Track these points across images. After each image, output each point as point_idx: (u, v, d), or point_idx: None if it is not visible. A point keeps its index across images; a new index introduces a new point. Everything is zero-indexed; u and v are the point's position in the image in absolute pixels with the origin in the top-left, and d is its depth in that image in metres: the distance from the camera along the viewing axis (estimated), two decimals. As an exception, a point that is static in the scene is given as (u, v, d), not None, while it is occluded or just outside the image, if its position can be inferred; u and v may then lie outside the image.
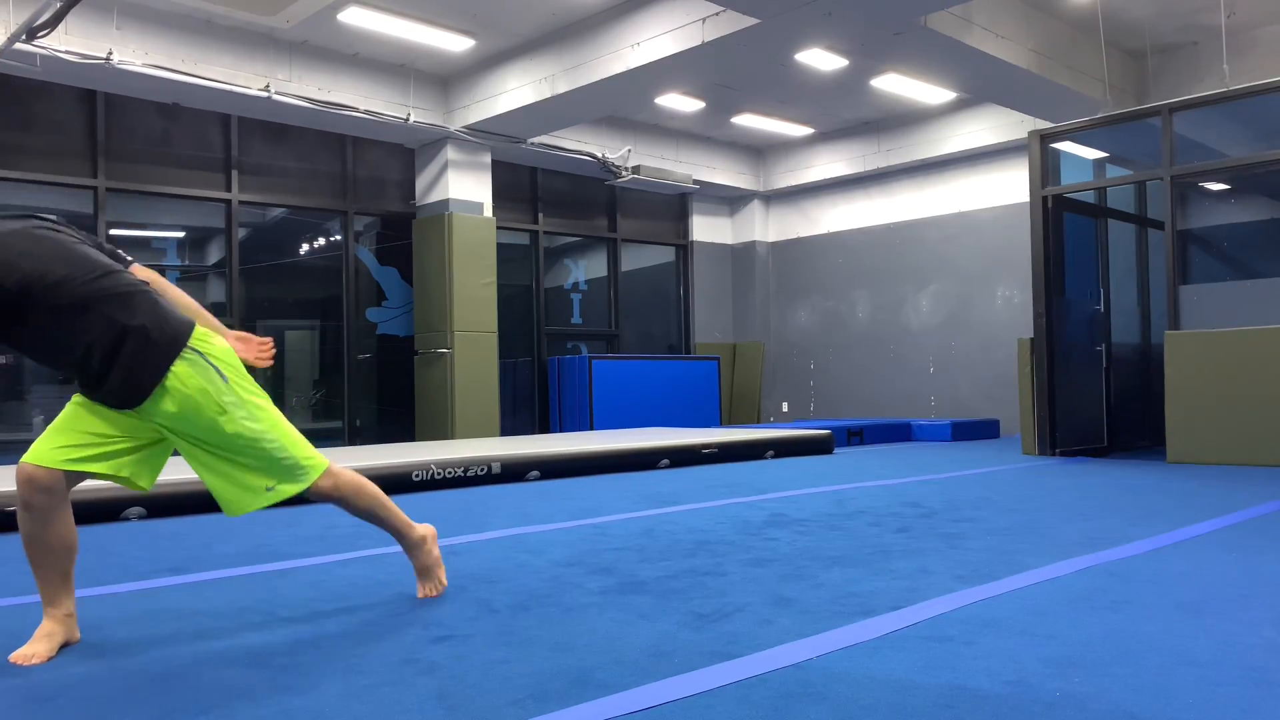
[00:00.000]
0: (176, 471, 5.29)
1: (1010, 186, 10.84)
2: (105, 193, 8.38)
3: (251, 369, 2.71)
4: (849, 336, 12.55)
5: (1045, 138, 8.11)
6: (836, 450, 8.79)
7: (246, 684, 2.06)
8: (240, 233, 9.22)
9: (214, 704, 1.93)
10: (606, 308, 12.32)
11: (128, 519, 4.69)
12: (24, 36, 6.74)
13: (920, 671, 2.05)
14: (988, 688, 1.93)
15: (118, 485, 2.61)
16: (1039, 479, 6.14)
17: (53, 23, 6.60)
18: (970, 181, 11.37)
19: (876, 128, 11.70)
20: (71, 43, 7.30)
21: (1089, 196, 8.59)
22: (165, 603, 2.91)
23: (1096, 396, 8.28)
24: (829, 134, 12.14)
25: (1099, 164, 9.08)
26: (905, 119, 11.43)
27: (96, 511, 4.63)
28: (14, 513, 4.38)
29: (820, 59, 8.84)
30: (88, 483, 4.74)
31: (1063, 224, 8.08)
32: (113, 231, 8.54)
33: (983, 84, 8.91)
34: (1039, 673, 2.02)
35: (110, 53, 7.42)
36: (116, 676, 2.13)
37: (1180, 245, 7.94)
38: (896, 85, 9.82)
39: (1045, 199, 7.98)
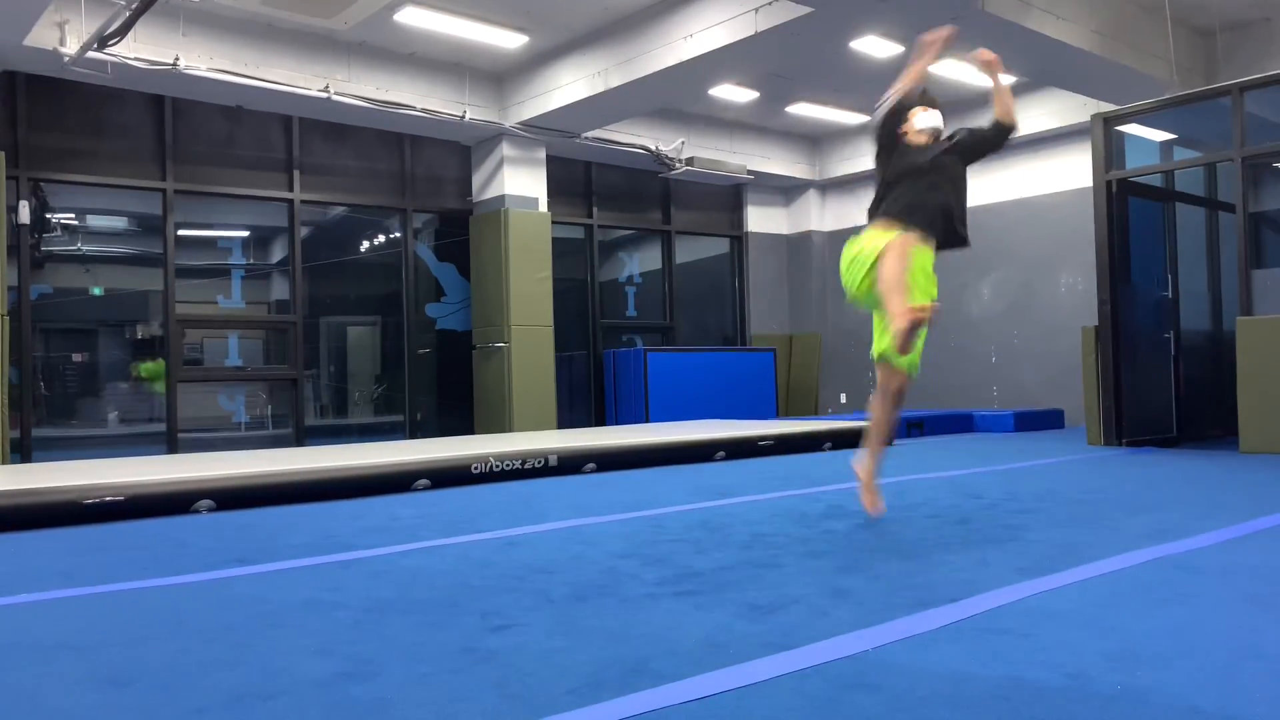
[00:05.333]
0: (245, 465, 5.44)
1: (1073, 171, 10.58)
2: (173, 194, 8.62)
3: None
4: (908, 326, 12.36)
5: (1109, 121, 7.91)
6: (896, 442, 8.70)
7: (312, 670, 2.12)
8: (302, 231, 9.41)
9: (282, 689, 1.99)
10: (661, 300, 12.33)
11: (198, 511, 4.84)
12: (95, 45, 6.96)
13: (977, 663, 2.03)
14: (1046, 680, 1.91)
15: (188, 480, 2.74)
16: (1104, 470, 6.01)
17: (122, 31, 6.80)
18: (1032, 167, 11.13)
19: (934, 114, 11.50)
20: (140, 50, 7.51)
21: (1156, 180, 8.36)
22: (235, 592, 3.00)
23: (1165, 385, 8.06)
24: (885, 122, 11.96)
25: (1166, 146, 8.83)
26: (964, 105, 11.20)
27: (168, 504, 4.78)
28: (93, 505, 4.55)
29: (876, 46, 8.72)
30: (158, 476, 4.91)
31: (1127, 209, 7.88)
32: (181, 232, 8.78)
33: (1043, 67, 8.71)
34: (1100, 666, 1.99)
35: (177, 58, 7.62)
36: (191, 661, 2.21)
37: (1253, 228, 7.69)
38: (954, 71, 9.65)
39: (1109, 183, 7.79)
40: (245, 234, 9.53)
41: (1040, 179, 11.04)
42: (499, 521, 4.31)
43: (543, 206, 10.23)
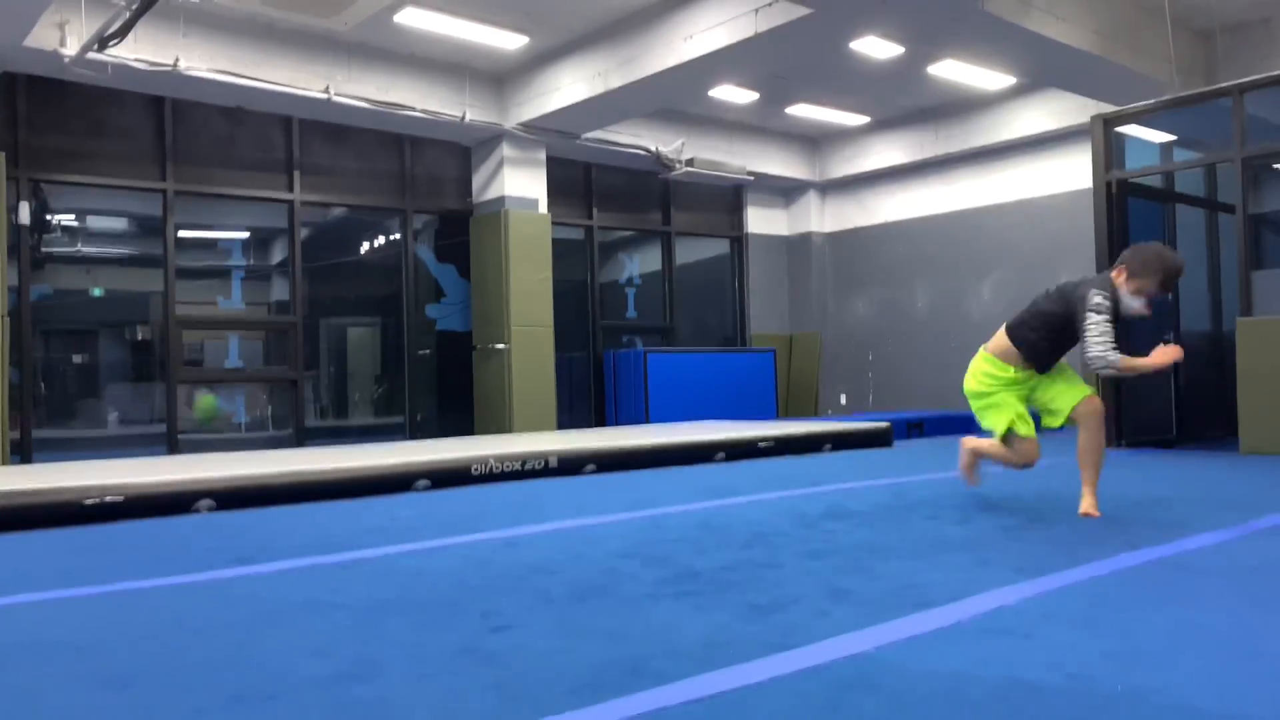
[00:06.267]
0: (245, 466, 5.44)
1: (1073, 172, 10.58)
2: (174, 195, 8.62)
3: None
4: (908, 327, 12.39)
5: (1109, 122, 7.91)
6: (896, 443, 8.70)
7: (312, 671, 2.12)
8: (302, 232, 9.41)
9: (282, 690, 1.99)
10: (661, 301, 12.33)
11: (198, 511, 4.84)
12: (96, 46, 6.96)
13: (977, 664, 2.03)
14: (1046, 681, 1.91)
15: (188, 480, 2.75)
16: (1104, 470, 6.00)
17: (122, 32, 6.80)
18: (1032, 168, 11.13)
19: (934, 115, 11.52)
20: (140, 51, 7.52)
21: (1156, 181, 8.36)
22: (235, 592, 3.00)
23: (1164, 386, 8.06)
24: (885, 122, 11.98)
25: (1166, 147, 8.83)
26: (963, 105, 11.24)
27: (168, 504, 4.78)
28: (93, 505, 4.55)
29: (876, 47, 8.73)
30: (158, 477, 4.91)
31: (1127, 210, 7.88)
32: (181, 233, 8.78)
33: (1043, 68, 8.72)
34: (1100, 666, 1.99)
35: (177, 59, 7.62)
36: (191, 661, 2.21)
37: (1253, 229, 7.69)
38: (954, 71, 9.66)
39: (1109, 184, 7.80)
40: (245, 235, 9.53)
41: (1040, 179, 11.05)
42: (499, 522, 4.31)
43: (543, 207, 10.23)
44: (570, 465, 6.35)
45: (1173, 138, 8.77)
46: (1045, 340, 4.29)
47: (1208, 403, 8.37)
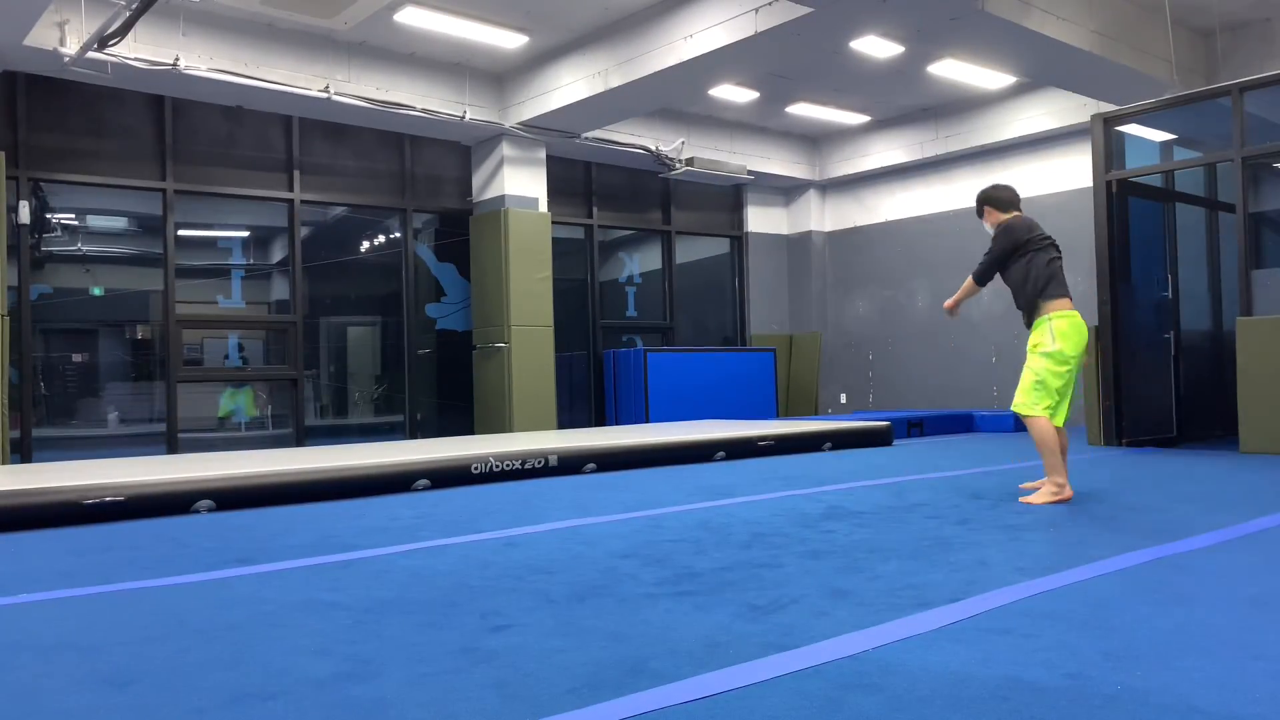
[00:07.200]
0: (245, 465, 5.44)
1: (1073, 171, 10.59)
2: (173, 194, 8.62)
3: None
4: (908, 326, 12.39)
5: (1109, 121, 7.91)
6: (896, 442, 8.70)
7: (312, 670, 2.12)
8: (302, 231, 9.41)
9: (282, 689, 1.99)
10: (661, 300, 12.33)
11: (198, 511, 4.84)
12: (95, 45, 6.96)
13: (977, 664, 2.03)
14: (1046, 680, 1.91)
15: (188, 480, 2.75)
16: (1104, 470, 6.01)
17: (122, 31, 6.80)
18: (1032, 167, 11.13)
19: (934, 114, 11.51)
20: (140, 50, 7.51)
21: (1156, 180, 8.36)
22: (235, 592, 3.00)
23: (1165, 385, 8.06)
24: (886, 121, 11.98)
25: (1166, 146, 8.83)
26: (964, 104, 11.23)
27: (168, 504, 4.78)
28: (93, 505, 4.55)
29: (876, 46, 8.73)
30: (158, 476, 4.91)
31: (1127, 209, 7.88)
32: (181, 232, 8.78)
33: (1043, 67, 8.71)
34: (1100, 666, 2.00)
35: (177, 59, 7.62)
36: (191, 661, 2.21)
37: (1253, 228, 7.69)
38: (954, 71, 9.65)
39: (1109, 184, 7.79)
40: (245, 234, 9.52)
41: (1040, 179, 11.04)
42: (499, 521, 4.31)
43: (543, 206, 10.23)
44: (570, 464, 6.35)
45: (1173, 137, 8.77)
46: None
47: (1208, 402, 8.37)
